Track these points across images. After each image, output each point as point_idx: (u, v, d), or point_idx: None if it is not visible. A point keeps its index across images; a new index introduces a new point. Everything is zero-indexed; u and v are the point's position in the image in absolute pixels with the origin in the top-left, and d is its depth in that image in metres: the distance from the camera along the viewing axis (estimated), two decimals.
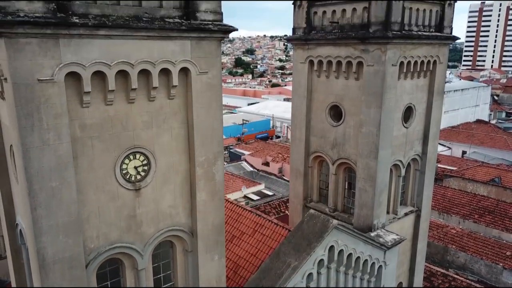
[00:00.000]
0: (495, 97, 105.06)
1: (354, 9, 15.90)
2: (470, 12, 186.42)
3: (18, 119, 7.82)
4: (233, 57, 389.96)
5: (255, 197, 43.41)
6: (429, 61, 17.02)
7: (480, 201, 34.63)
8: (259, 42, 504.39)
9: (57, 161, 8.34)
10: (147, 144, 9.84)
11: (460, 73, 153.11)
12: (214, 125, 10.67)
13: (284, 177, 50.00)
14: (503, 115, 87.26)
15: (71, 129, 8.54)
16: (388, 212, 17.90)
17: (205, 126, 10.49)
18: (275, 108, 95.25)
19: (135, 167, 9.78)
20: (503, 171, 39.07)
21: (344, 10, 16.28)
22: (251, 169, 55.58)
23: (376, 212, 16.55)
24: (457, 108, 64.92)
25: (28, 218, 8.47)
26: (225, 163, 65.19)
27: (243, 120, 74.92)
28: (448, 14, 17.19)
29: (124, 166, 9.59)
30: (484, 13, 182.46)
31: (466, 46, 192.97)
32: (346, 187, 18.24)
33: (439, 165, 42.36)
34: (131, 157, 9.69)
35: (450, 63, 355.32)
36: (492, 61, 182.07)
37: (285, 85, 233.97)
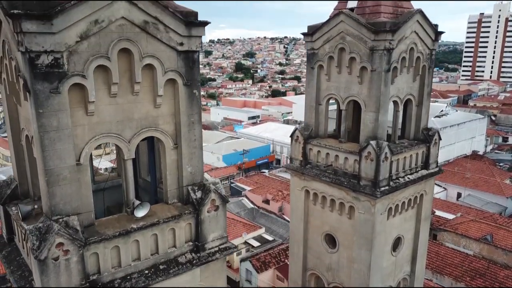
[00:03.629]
0: (492, 118, 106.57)
1: (346, 158, 17.37)
2: (469, 23, 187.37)
3: None
4: (234, 60, 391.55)
5: (255, 243, 44.89)
6: (416, 197, 18.48)
7: (472, 262, 36.11)
8: (259, 44, 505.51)
9: None
10: None
11: (459, 87, 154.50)
12: None
13: (284, 216, 51.47)
14: (500, 140, 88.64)
15: None
16: None
17: None
18: (275, 131, 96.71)
19: None
20: (495, 227, 40.54)
21: (337, 156, 17.74)
22: (252, 205, 56.95)
23: None
24: (453, 142, 66.32)
25: None
26: None
27: (243, 150, 76.39)
28: (433, 152, 18.64)
29: None
30: (483, 24, 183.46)
31: (465, 57, 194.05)
32: None
33: (433, 214, 43.86)
34: None
35: (450, 66, 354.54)
36: (491, 72, 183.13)
37: (285, 91, 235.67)
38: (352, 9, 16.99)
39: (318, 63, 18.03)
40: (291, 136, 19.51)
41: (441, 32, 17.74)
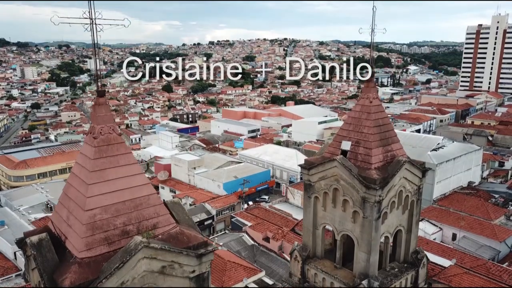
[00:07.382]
0: (490, 138, 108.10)
1: None
2: (468, 34, 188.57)
3: None
4: (234, 63, 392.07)
5: None
6: None
7: None
8: (259, 46, 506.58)
9: None
10: None
11: (457, 101, 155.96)
12: None
13: (284, 255, 52.90)
14: (496, 164, 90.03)
15: None
16: None
17: None
18: (275, 154, 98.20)
19: None
20: (487, 281, 42.08)
21: (332, 283, 19.22)
22: (252, 242, 58.29)
23: None
24: (449, 176, 67.76)
25: None
26: (227, 231, 68.05)
27: (244, 180, 77.86)
28: (422, 273, 20.12)
29: None
30: (481, 35, 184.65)
31: (463, 67, 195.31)
32: None
33: (429, 262, 45.35)
34: None
35: (449, 69, 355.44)
36: (489, 83, 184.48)
37: (285, 97, 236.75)
38: (345, 152, 18.44)
39: (314, 194, 19.49)
40: (290, 254, 20.99)
41: (428, 169, 19.19)
